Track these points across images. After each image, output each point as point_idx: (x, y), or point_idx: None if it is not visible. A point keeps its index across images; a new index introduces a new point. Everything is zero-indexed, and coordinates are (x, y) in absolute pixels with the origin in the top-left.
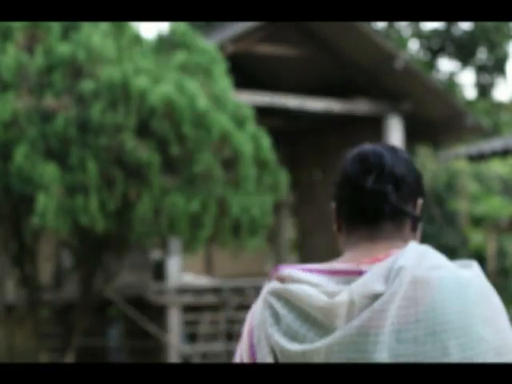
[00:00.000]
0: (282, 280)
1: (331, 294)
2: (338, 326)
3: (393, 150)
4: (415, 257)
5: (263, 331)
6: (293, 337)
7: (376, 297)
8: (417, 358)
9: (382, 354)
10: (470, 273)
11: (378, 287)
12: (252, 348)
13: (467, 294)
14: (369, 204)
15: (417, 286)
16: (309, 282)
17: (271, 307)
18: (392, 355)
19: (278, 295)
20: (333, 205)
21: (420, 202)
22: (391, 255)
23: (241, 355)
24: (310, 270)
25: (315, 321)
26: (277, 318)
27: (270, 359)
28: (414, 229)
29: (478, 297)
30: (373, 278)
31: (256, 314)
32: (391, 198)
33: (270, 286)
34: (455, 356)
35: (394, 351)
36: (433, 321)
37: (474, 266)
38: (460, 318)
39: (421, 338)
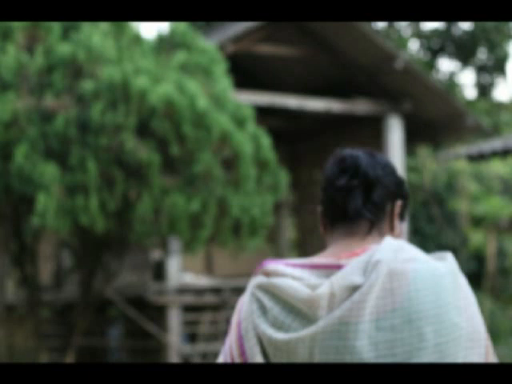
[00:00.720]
0: (268, 274)
1: (313, 287)
2: (320, 316)
3: (371, 154)
4: (391, 250)
5: (251, 323)
6: (279, 327)
7: (355, 288)
8: (394, 344)
9: (363, 342)
10: (444, 264)
11: (357, 279)
12: (240, 339)
13: (441, 284)
14: (345, 202)
15: (393, 278)
16: (292, 275)
17: (258, 300)
18: (371, 342)
19: (264, 289)
20: (319, 207)
21: (399, 203)
22: (368, 250)
23: (230, 346)
24: (293, 265)
25: (299, 312)
26: (263, 310)
27: (257, 349)
28: (392, 227)
29: (451, 287)
30: (351, 271)
31: (244, 306)
32: (360, 196)
33: (257, 280)
34: (430, 342)
35: (374, 338)
36: (409, 309)
37: (449, 258)
38: (434, 306)
39: (398, 325)
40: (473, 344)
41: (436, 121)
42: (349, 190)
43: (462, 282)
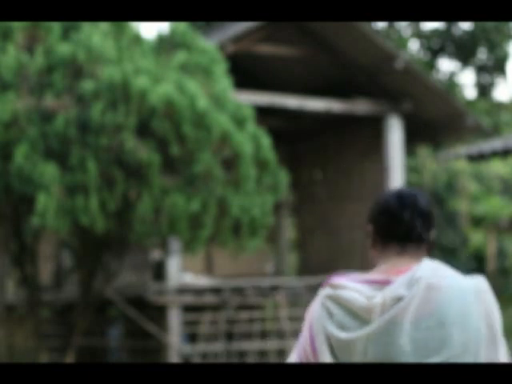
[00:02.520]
0: (334, 287)
1: (369, 298)
2: (373, 319)
3: (420, 192)
4: (429, 269)
5: (320, 325)
6: (342, 328)
7: (400, 299)
8: (428, 340)
9: (405, 338)
10: (470, 282)
11: (402, 292)
12: (312, 338)
13: (465, 297)
14: (401, 230)
15: (430, 291)
16: (354, 289)
17: (326, 308)
18: (411, 339)
19: (331, 299)
20: (369, 226)
21: (433, 232)
22: (411, 269)
23: (303, 345)
24: (355, 280)
25: (358, 316)
26: (330, 315)
27: (325, 346)
28: (429, 250)
29: (474, 300)
30: (398, 285)
31: (314, 313)
32: (420, 229)
33: (325, 291)
34: (456, 339)
35: (413, 337)
36: (440, 315)
37: (478, 278)
38: (459, 314)
39: (432, 327)
40: (495, 346)
41: (436, 121)
42: (408, 222)
43: (486, 296)
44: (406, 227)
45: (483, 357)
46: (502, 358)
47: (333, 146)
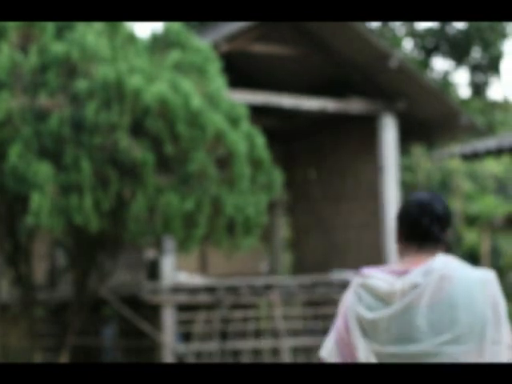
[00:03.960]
0: (364, 277)
1: (391, 284)
2: (394, 302)
3: (437, 197)
4: (442, 262)
5: (352, 307)
6: (369, 309)
7: (417, 286)
8: (441, 320)
9: (421, 319)
10: (478, 273)
11: (419, 280)
12: (345, 318)
13: (472, 286)
14: (420, 233)
15: (442, 280)
16: (379, 277)
17: (357, 293)
18: (426, 320)
19: (361, 286)
20: (397, 227)
21: (449, 230)
22: (427, 262)
23: (339, 325)
24: (380, 271)
25: (382, 300)
26: (360, 299)
27: (355, 325)
28: (445, 247)
29: (479, 289)
30: (416, 275)
31: (348, 297)
32: (436, 232)
33: (357, 280)
34: (463, 320)
35: (428, 318)
36: (451, 301)
37: (487, 271)
38: (466, 300)
39: (444, 310)
40: (498, 327)
41: (430, 120)
42: (426, 227)
43: (491, 285)
44: (424, 231)
45: (488, 336)
46: (505, 337)
47: (327, 145)
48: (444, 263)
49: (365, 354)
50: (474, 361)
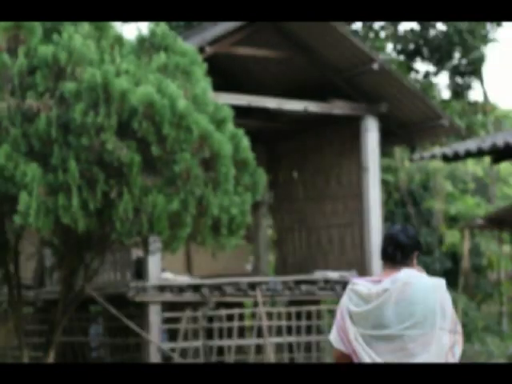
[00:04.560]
0: (353, 284)
1: (370, 289)
2: (372, 301)
3: (404, 229)
4: (405, 274)
5: (346, 305)
6: (356, 306)
7: (387, 290)
8: (404, 312)
9: (390, 312)
10: (431, 280)
11: (388, 286)
12: (342, 313)
13: (426, 289)
14: (388, 257)
15: (405, 285)
16: (362, 284)
17: (349, 295)
18: (394, 312)
19: (351, 290)
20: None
21: (416, 252)
22: (395, 274)
23: (338, 318)
24: (363, 280)
25: (364, 299)
26: (351, 299)
27: (348, 318)
28: (411, 263)
29: (432, 291)
30: (386, 283)
31: (343, 298)
32: (398, 257)
33: (349, 286)
34: (419, 312)
35: (395, 311)
36: (410, 299)
37: (438, 279)
38: (422, 299)
39: (405, 305)
40: (444, 318)
41: (412, 122)
42: (393, 252)
43: (440, 289)
44: (390, 256)
45: (437, 323)
46: (448, 325)
47: (311, 146)
48: (407, 274)
49: (353, 335)
50: (428, 341)
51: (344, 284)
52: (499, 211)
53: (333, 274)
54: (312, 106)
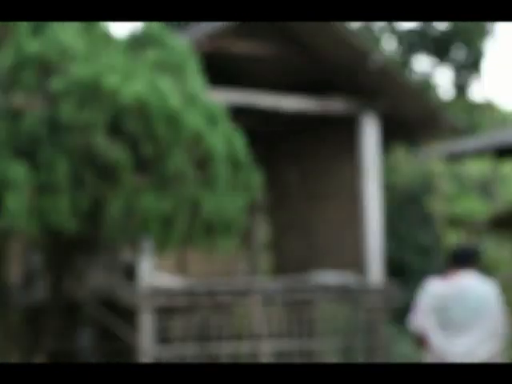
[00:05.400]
0: (428, 283)
1: (440, 288)
2: (444, 297)
3: (473, 245)
4: (469, 277)
5: (423, 299)
6: (429, 299)
7: (457, 288)
8: (468, 307)
9: (454, 306)
10: (489, 285)
11: (457, 285)
12: (421, 305)
13: (486, 292)
14: (456, 263)
15: (468, 287)
16: (434, 283)
17: (425, 291)
18: (461, 306)
19: (426, 287)
20: (449, 259)
21: (477, 260)
22: (460, 277)
23: (418, 307)
24: (436, 280)
25: (437, 296)
26: (426, 294)
27: (425, 307)
28: (474, 268)
29: (491, 293)
30: (454, 283)
31: (422, 294)
32: (465, 264)
33: (425, 284)
34: (480, 308)
35: (460, 305)
36: (472, 297)
37: (493, 284)
38: (484, 298)
39: (468, 303)
40: (499, 314)
41: (412, 120)
42: (459, 258)
43: (496, 293)
44: (457, 263)
45: (494, 317)
46: (501, 317)
47: (308, 145)
48: (469, 277)
49: (428, 320)
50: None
51: (342, 284)
52: (501, 213)
53: (330, 275)
54: (310, 104)
